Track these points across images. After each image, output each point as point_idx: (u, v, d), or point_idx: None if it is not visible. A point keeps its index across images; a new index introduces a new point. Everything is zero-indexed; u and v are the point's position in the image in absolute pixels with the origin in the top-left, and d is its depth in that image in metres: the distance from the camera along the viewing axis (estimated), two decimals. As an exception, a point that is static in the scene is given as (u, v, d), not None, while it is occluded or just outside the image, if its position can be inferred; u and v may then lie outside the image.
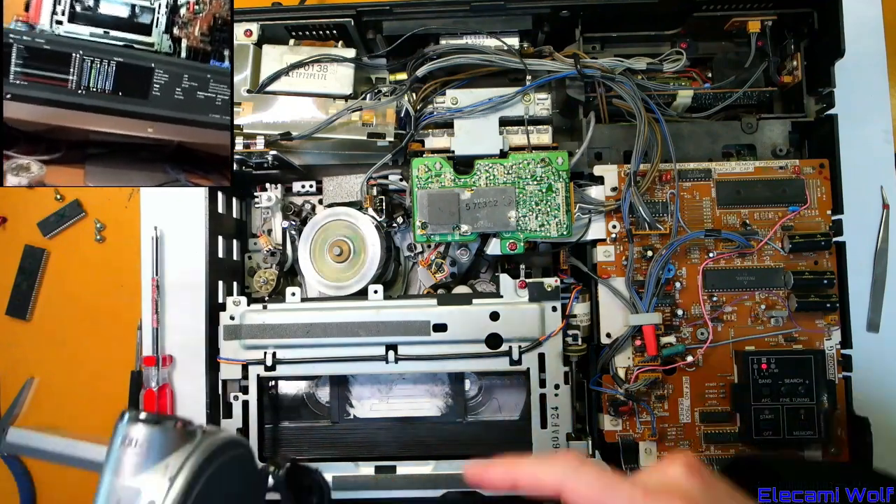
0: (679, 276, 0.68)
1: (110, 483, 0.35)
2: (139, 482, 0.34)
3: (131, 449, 0.35)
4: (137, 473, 0.35)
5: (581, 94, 0.71)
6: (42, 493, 0.87)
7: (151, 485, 0.34)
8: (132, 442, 0.35)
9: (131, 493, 0.34)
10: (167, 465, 0.35)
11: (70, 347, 0.88)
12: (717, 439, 0.67)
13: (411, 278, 0.80)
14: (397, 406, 0.74)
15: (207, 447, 0.36)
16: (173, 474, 0.34)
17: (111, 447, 0.36)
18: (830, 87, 0.68)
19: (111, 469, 0.35)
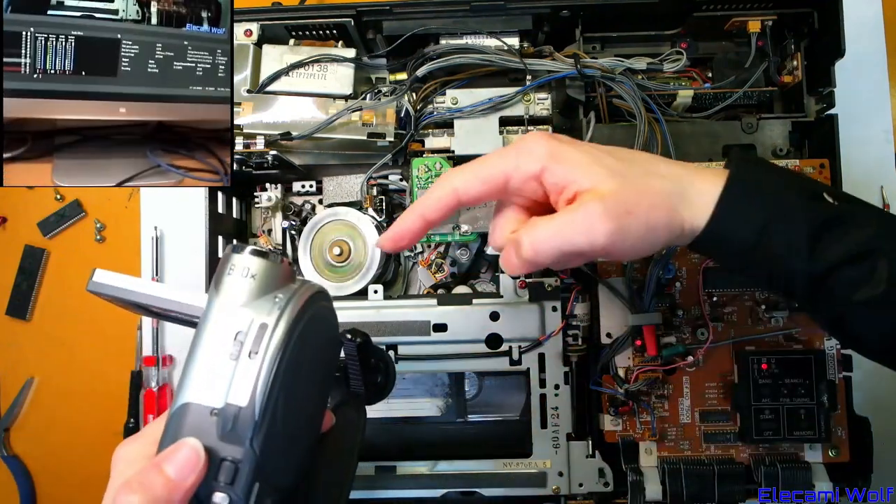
0: (679, 276, 0.68)
1: (220, 311, 0.36)
2: (250, 309, 0.35)
3: (243, 278, 0.36)
4: (248, 301, 0.36)
5: (581, 94, 0.71)
6: (42, 493, 0.87)
7: (263, 310, 0.35)
8: (245, 271, 0.36)
9: (241, 317, 0.35)
10: (277, 297, 0.36)
11: (70, 347, 0.88)
12: (717, 439, 0.67)
13: (411, 278, 0.80)
14: (397, 406, 0.74)
15: (309, 290, 0.38)
16: (283, 305, 0.35)
17: (221, 276, 0.36)
18: (830, 87, 0.68)
19: (221, 297, 0.36)
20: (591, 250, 0.43)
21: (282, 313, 0.35)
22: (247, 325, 0.35)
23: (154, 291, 0.40)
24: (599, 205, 0.42)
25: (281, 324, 0.35)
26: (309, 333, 0.37)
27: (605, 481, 0.67)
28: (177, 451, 0.33)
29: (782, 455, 0.66)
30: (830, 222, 0.43)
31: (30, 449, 0.87)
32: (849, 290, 0.42)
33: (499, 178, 0.45)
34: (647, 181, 0.45)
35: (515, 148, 0.46)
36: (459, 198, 0.46)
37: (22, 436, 0.87)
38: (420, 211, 0.47)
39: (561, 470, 0.67)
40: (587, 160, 0.44)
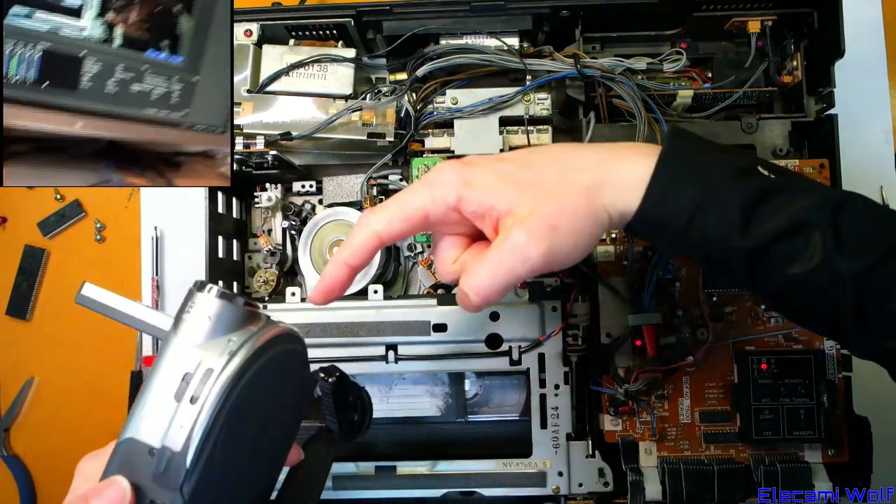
0: (679, 275, 0.68)
1: (173, 347, 0.35)
2: (201, 350, 0.35)
3: (199, 318, 0.36)
4: (201, 342, 0.35)
5: (581, 94, 0.71)
6: (42, 493, 0.87)
7: (212, 354, 0.35)
8: (201, 311, 0.36)
9: (191, 358, 0.35)
10: (230, 340, 0.35)
11: (70, 347, 0.88)
12: (717, 439, 0.67)
13: (411, 278, 0.80)
14: (397, 406, 0.74)
15: (269, 333, 0.37)
16: (234, 349, 0.35)
17: (181, 313, 0.36)
18: (830, 87, 0.68)
19: (177, 334, 0.36)
20: (533, 273, 0.43)
21: (230, 359, 0.34)
22: (194, 367, 0.34)
23: (130, 311, 0.40)
24: (522, 232, 0.42)
25: (227, 370, 0.34)
26: (264, 378, 0.36)
27: (605, 481, 0.67)
28: (107, 487, 0.35)
29: (782, 455, 0.66)
30: (763, 196, 0.42)
31: (30, 449, 0.87)
32: (784, 265, 0.42)
33: (417, 214, 0.45)
34: (563, 183, 0.44)
35: (428, 181, 0.45)
36: (381, 239, 0.45)
37: (22, 436, 0.87)
38: (344, 258, 0.46)
39: (561, 470, 0.67)
40: (497, 180, 0.44)
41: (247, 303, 0.37)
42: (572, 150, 0.47)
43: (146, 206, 0.87)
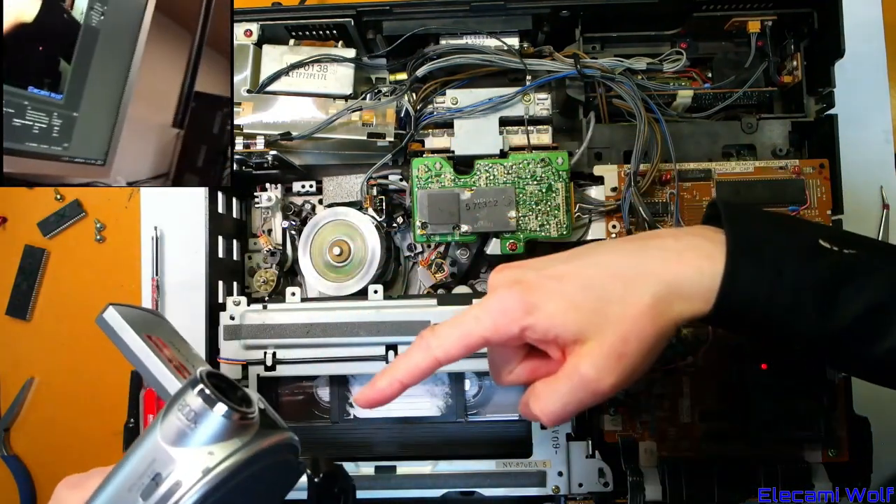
0: (679, 276, 0.68)
1: (154, 439, 0.34)
2: (178, 454, 0.33)
3: (184, 418, 0.34)
4: (180, 444, 0.33)
5: (581, 94, 0.71)
6: (42, 494, 0.87)
7: (186, 465, 0.33)
8: (187, 412, 0.34)
9: (166, 459, 0.33)
10: (210, 453, 0.33)
11: (70, 347, 0.88)
12: (717, 439, 0.67)
13: (411, 278, 0.80)
14: (397, 406, 0.73)
15: (256, 447, 0.35)
16: (211, 466, 0.33)
17: (170, 404, 0.35)
18: (830, 87, 0.68)
19: (161, 426, 0.34)
20: (602, 399, 0.43)
21: (202, 477, 0.33)
22: (167, 472, 0.33)
23: (144, 358, 0.38)
24: (591, 367, 0.41)
25: (195, 491, 0.32)
26: (242, 489, 0.34)
27: (605, 481, 0.67)
28: None
29: (782, 455, 0.66)
30: (837, 282, 0.41)
31: (30, 449, 0.87)
32: (872, 343, 0.41)
33: (477, 342, 0.44)
34: (628, 303, 0.42)
35: (488, 309, 0.43)
36: (440, 363, 0.45)
37: (22, 436, 0.87)
38: (399, 377, 0.45)
39: (561, 470, 0.67)
40: (561, 308, 0.42)
41: (242, 416, 0.34)
42: (632, 256, 0.44)
43: (146, 206, 0.87)
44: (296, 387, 0.75)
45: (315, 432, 0.73)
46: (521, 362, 0.47)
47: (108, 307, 0.39)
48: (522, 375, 0.47)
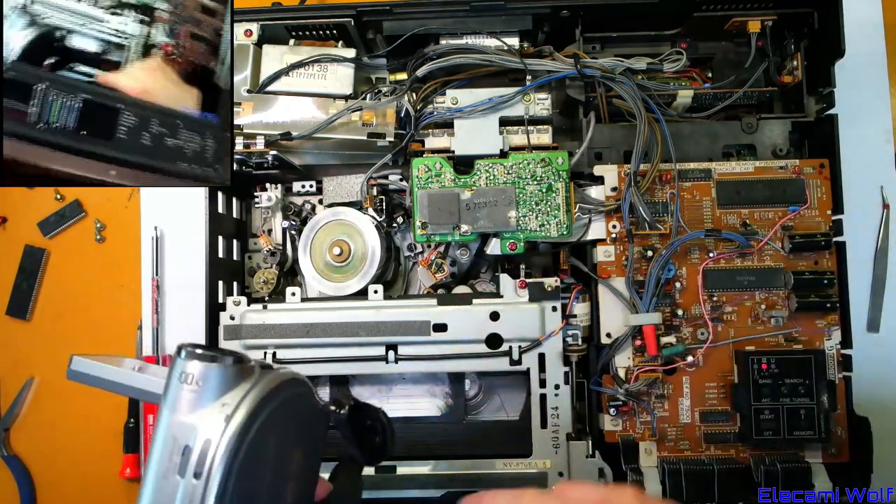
0: (679, 276, 0.68)
1: (167, 419, 0.34)
2: (195, 419, 0.33)
3: (187, 385, 0.34)
4: (193, 410, 0.33)
5: (581, 94, 0.71)
6: (42, 493, 0.87)
7: (207, 422, 0.33)
8: (188, 378, 0.34)
9: (187, 429, 0.33)
10: (224, 404, 0.33)
11: (70, 347, 0.87)
12: (717, 439, 0.67)
13: (411, 278, 0.80)
14: (397, 406, 0.74)
15: (265, 386, 0.35)
16: (230, 413, 0.33)
17: (168, 382, 0.34)
18: (830, 87, 0.68)
19: (168, 405, 0.34)
20: None
21: (227, 425, 0.32)
22: (192, 439, 0.32)
23: (121, 379, 0.39)
24: None
25: (225, 438, 0.32)
26: (267, 434, 0.34)
27: (605, 481, 0.67)
28: None
29: (782, 455, 0.66)
30: None
31: (30, 449, 0.87)
32: None
33: None
34: None
35: None
36: None
37: (22, 436, 0.87)
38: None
39: (561, 470, 0.67)
40: None
41: (235, 360, 0.35)
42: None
43: (146, 206, 0.87)
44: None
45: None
46: None
47: (73, 358, 0.40)
48: None
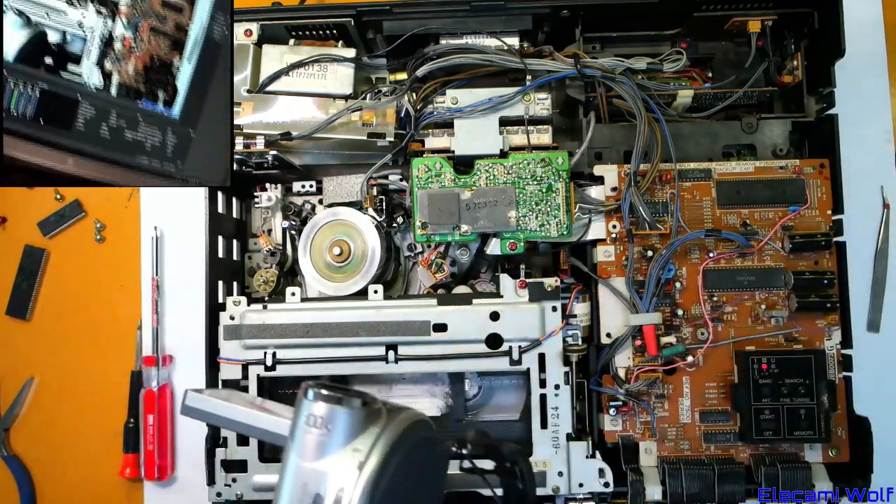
0: (679, 276, 0.68)
1: (295, 465, 0.33)
2: (326, 465, 0.32)
3: (315, 428, 0.32)
4: (322, 455, 0.32)
5: (581, 94, 0.71)
6: (42, 493, 0.87)
7: (339, 470, 0.32)
8: (315, 421, 0.33)
9: (318, 476, 0.32)
10: (355, 450, 0.32)
11: (70, 347, 0.88)
12: (717, 439, 0.67)
13: (411, 278, 0.80)
14: (397, 406, 0.74)
15: (395, 430, 0.34)
16: (362, 460, 0.32)
17: (295, 424, 0.33)
18: (830, 87, 0.68)
19: (295, 449, 0.33)
20: None
21: (360, 473, 0.31)
22: (324, 488, 0.31)
23: (242, 419, 0.36)
24: None
25: (359, 488, 0.31)
26: (401, 476, 0.33)
27: (605, 481, 0.67)
28: None
29: (782, 455, 0.66)
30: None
31: (30, 449, 0.87)
32: None
33: None
34: None
35: None
36: None
37: (22, 436, 0.87)
38: None
39: (561, 470, 0.67)
40: None
41: (363, 402, 0.33)
42: None
43: (146, 206, 0.87)
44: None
45: None
46: None
47: (187, 392, 0.39)
48: None
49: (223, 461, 0.68)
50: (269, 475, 0.68)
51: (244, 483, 0.68)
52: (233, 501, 0.68)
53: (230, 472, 0.68)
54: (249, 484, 0.68)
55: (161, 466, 0.82)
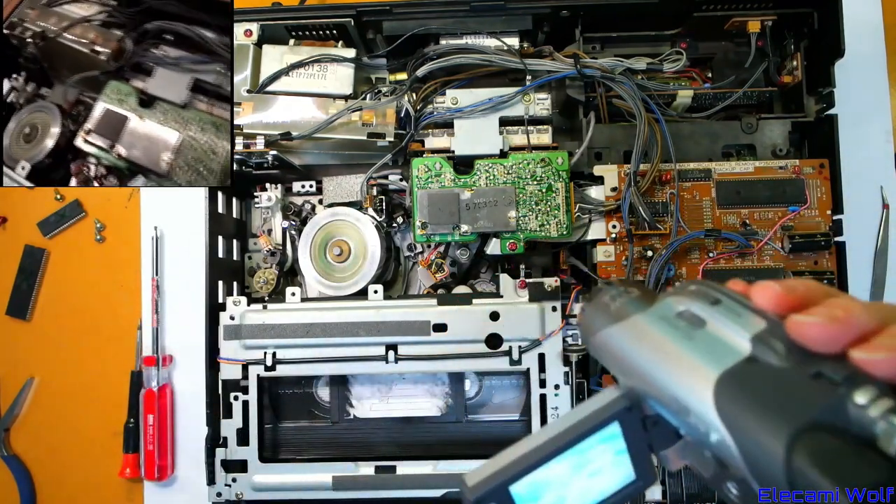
0: (679, 276, 0.68)
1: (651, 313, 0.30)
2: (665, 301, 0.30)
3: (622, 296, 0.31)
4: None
5: (581, 94, 0.71)
6: (42, 493, 0.87)
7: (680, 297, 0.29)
8: (623, 293, 0.31)
9: (672, 303, 0.29)
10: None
11: (70, 347, 0.88)
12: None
13: (411, 278, 0.80)
14: (397, 406, 0.74)
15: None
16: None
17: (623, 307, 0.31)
18: (830, 87, 0.68)
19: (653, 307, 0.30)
20: None
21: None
22: (683, 306, 0.29)
23: (529, 450, 0.32)
24: None
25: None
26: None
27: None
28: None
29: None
30: None
31: (30, 449, 0.87)
32: None
33: None
34: None
35: None
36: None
37: (22, 436, 0.87)
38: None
39: (561, 470, 0.67)
40: None
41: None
42: None
43: (146, 206, 0.87)
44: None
45: (315, 432, 0.73)
46: None
47: (465, 476, 0.30)
48: None
49: (223, 461, 0.68)
50: (269, 475, 0.68)
51: (244, 483, 0.68)
52: (233, 501, 0.68)
53: (230, 472, 0.68)
54: (249, 484, 0.68)
55: (161, 466, 0.82)
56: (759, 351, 0.25)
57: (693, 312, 0.28)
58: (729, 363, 0.26)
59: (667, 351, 0.28)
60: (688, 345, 0.28)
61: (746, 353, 0.26)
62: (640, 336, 0.30)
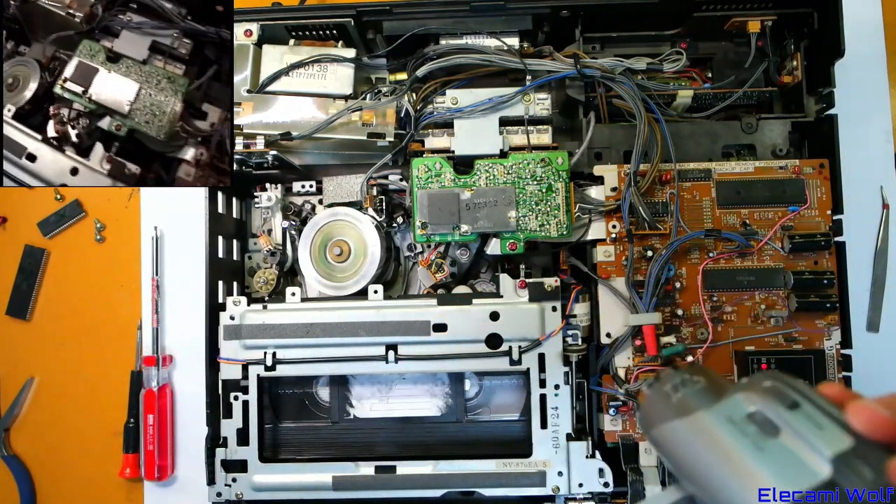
0: (679, 276, 0.68)
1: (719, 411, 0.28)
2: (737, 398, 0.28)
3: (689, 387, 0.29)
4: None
5: (581, 94, 0.71)
6: (42, 493, 0.87)
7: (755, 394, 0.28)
8: (691, 382, 0.29)
9: (741, 402, 0.28)
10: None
11: (70, 347, 0.88)
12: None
13: (411, 278, 0.80)
14: (397, 406, 0.74)
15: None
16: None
17: (685, 400, 0.29)
18: (830, 87, 0.68)
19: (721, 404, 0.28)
20: None
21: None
22: (754, 406, 0.27)
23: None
24: None
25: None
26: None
27: (605, 481, 0.67)
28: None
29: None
30: None
31: (30, 449, 0.87)
32: None
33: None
34: None
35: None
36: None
37: (22, 436, 0.87)
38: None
39: (561, 470, 0.67)
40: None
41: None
42: None
43: (146, 206, 0.87)
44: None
45: (315, 432, 0.73)
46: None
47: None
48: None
49: (223, 461, 0.68)
50: (269, 475, 0.68)
51: (244, 483, 0.68)
52: (233, 501, 0.68)
53: (230, 472, 0.68)
54: (249, 484, 0.68)
55: (161, 466, 0.82)
56: (840, 476, 0.23)
57: (766, 416, 0.26)
58: (803, 486, 0.24)
59: (732, 461, 0.26)
60: (757, 457, 0.25)
61: (825, 476, 0.24)
62: (704, 438, 0.27)
